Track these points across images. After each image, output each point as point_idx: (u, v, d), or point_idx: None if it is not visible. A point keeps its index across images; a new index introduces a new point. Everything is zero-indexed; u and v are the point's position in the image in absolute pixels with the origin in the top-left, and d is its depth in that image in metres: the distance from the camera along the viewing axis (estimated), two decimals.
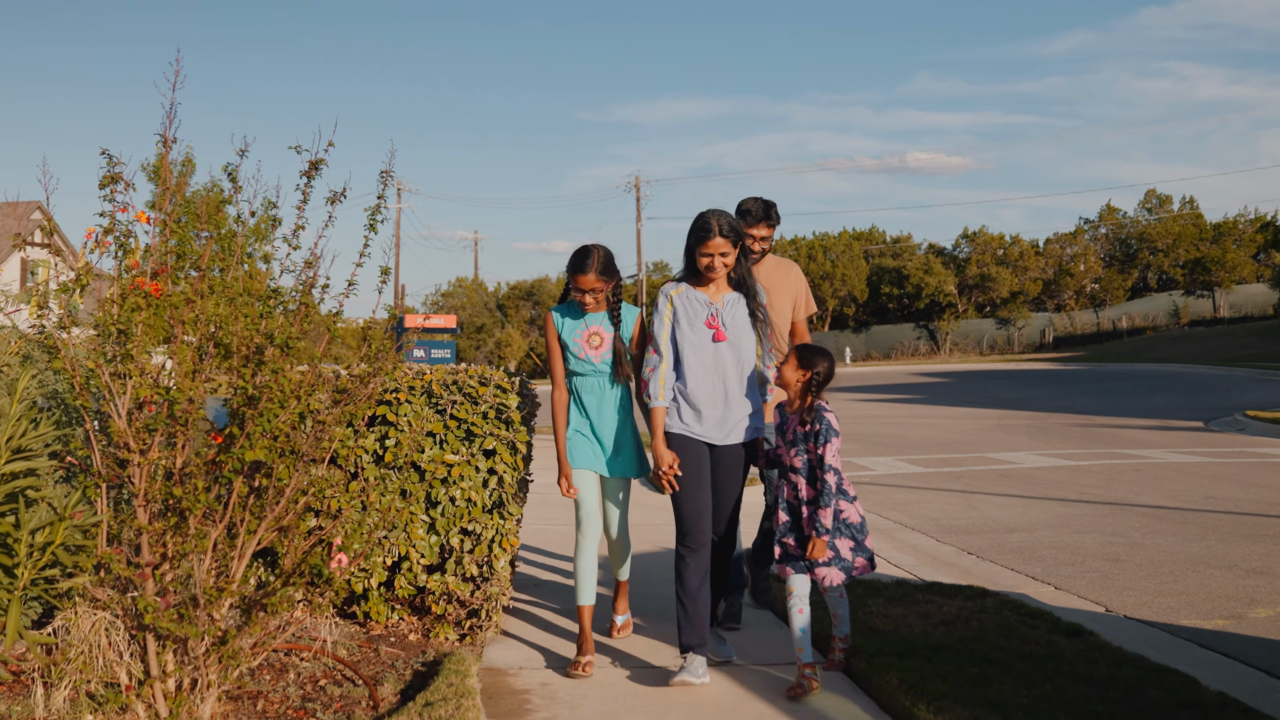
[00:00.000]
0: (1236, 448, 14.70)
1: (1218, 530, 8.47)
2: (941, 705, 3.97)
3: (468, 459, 4.95)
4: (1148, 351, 44.45)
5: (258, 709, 3.93)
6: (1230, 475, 11.86)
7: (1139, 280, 62.43)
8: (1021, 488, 11.17)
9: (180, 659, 3.64)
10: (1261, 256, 59.20)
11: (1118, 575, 6.96)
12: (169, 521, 3.41)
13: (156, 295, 3.69)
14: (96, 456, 3.51)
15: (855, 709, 4.22)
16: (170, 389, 3.38)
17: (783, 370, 4.75)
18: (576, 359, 4.92)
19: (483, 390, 5.08)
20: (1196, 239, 58.71)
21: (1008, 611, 5.49)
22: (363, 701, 4.09)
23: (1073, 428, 17.96)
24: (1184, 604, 6.18)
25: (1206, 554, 7.56)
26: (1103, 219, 62.14)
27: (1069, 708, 4.00)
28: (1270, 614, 5.90)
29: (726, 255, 4.78)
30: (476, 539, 5.00)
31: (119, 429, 3.34)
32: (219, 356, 3.59)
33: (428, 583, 5.00)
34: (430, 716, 3.75)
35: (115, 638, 3.61)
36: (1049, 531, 8.61)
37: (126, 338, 3.41)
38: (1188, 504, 9.85)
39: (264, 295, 3.96)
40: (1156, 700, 4.08)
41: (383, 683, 4.34)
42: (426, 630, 5.13)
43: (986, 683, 4.26)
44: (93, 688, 3.66)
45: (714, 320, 4.82)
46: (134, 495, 3.38)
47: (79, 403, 3.43)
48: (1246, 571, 6.96)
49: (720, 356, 4.79)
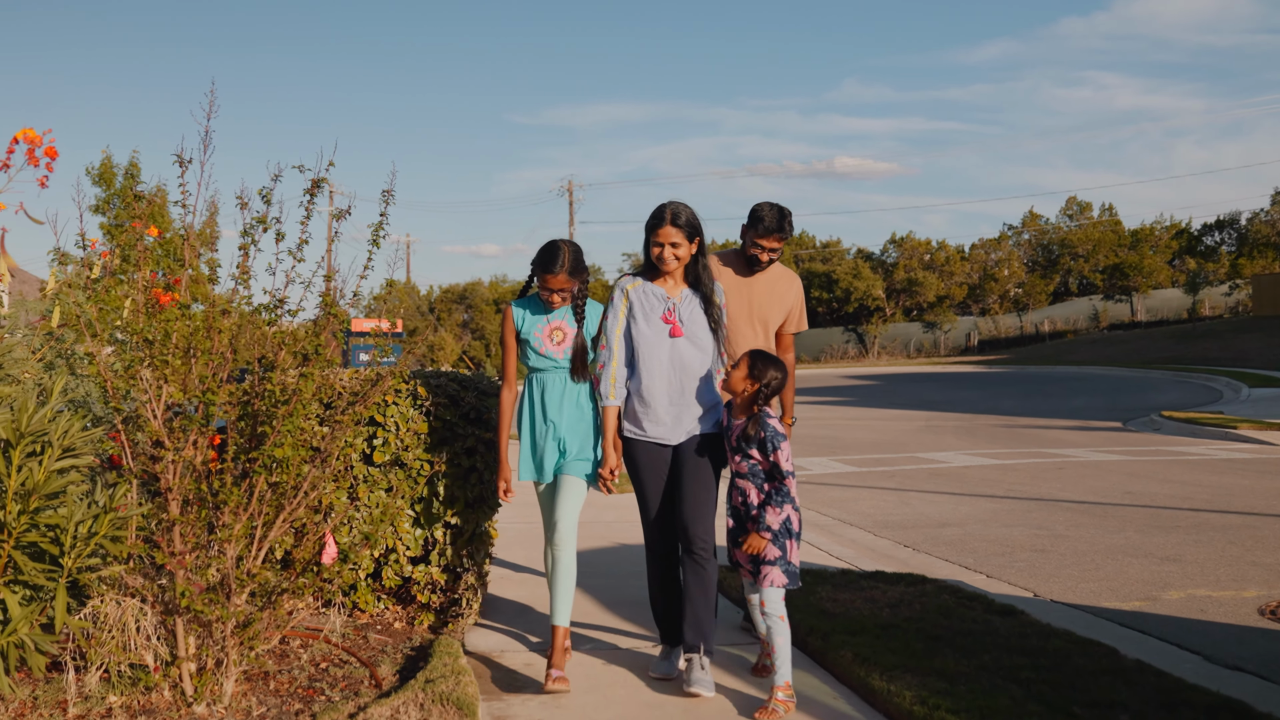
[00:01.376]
0: (1153, 446, 15.45)
1: (1135, 522, 9.07)
2: (893, 675, 4.42)
3: (451, 457, 5.30)
4: (1069, 354, 45.69)
5: (270, 688, 4.26)
6: (1146, 472, 12.54)
7: (1060, 285, 64.12)
8: (952, 485, 11.72)
9: (204, 641, 3.96)
10: (1176, 262, 61.10)
11: (1044, 564, 7.48)
12: (200, 514, 3.74)
13: (168, 305, 4.03)
14: (127, 455, 3.82)
15: (815, 680, 4.65)
16: (206, 392, 3.71)
17: (731, 375, 4.56)
18: (537, 354, 4.81)
19: (464, 394, 5.42)
20: (1115, 245, 60.44)
21: (946, 595, 5.97)
22: (365, 681, 4.43)
23: (998, 428, 18.66)
24: (1105, 588, 6.70)
25: (1125, 544, 8.12)
26: (1026, 225, 63.73)
27: (1006, 674, 4.47)
28: (1181, 596, 6.44)
29: (678, 247, 4.67)
30: (458, 532, 5.35)
31: (154, 428, 3.66)
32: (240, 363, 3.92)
33: (413, 574, 5.34)
34: (433, 691, 4.10)
35: (143, 623, 3.92)
36: (979, 525, 9.13)
37: (163, 346, 3.72)
38: (1107, 499, 10.47)
39: (269, 306, 4.30)
40: (1082, 667, 4.57)
41: (379, 665, 4.68)
42: (411, 619, 5.47)
43: (932, 655, 4.72)
44: (121, 669, 3.96)
45: (671, 315, 4.72)
46: (166, 490, 3.70)
47: (113, 405, 3.75)
48: (1161, 559, 7.52)
49: (677, 353, 4.69)
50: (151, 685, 3.96)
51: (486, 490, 5.35)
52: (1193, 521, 9.04)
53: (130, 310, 4.05)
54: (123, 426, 3.80)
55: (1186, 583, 6.80)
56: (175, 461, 3.68)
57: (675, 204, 4.72)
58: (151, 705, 3.96)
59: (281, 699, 4.15)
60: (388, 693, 4.21)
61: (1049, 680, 4.38)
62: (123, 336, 4.00)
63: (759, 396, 4.48)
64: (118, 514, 3.48)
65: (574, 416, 4.83)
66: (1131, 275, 58.99)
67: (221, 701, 3.97)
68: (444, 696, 4.06)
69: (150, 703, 3.97)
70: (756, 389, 4.48)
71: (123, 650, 3.88)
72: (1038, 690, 4.25)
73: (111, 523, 3.48)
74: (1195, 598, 6.39)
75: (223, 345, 3.85)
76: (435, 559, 5.35)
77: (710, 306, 4.78)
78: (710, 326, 4.76)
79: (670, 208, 4.70)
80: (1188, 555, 7.65)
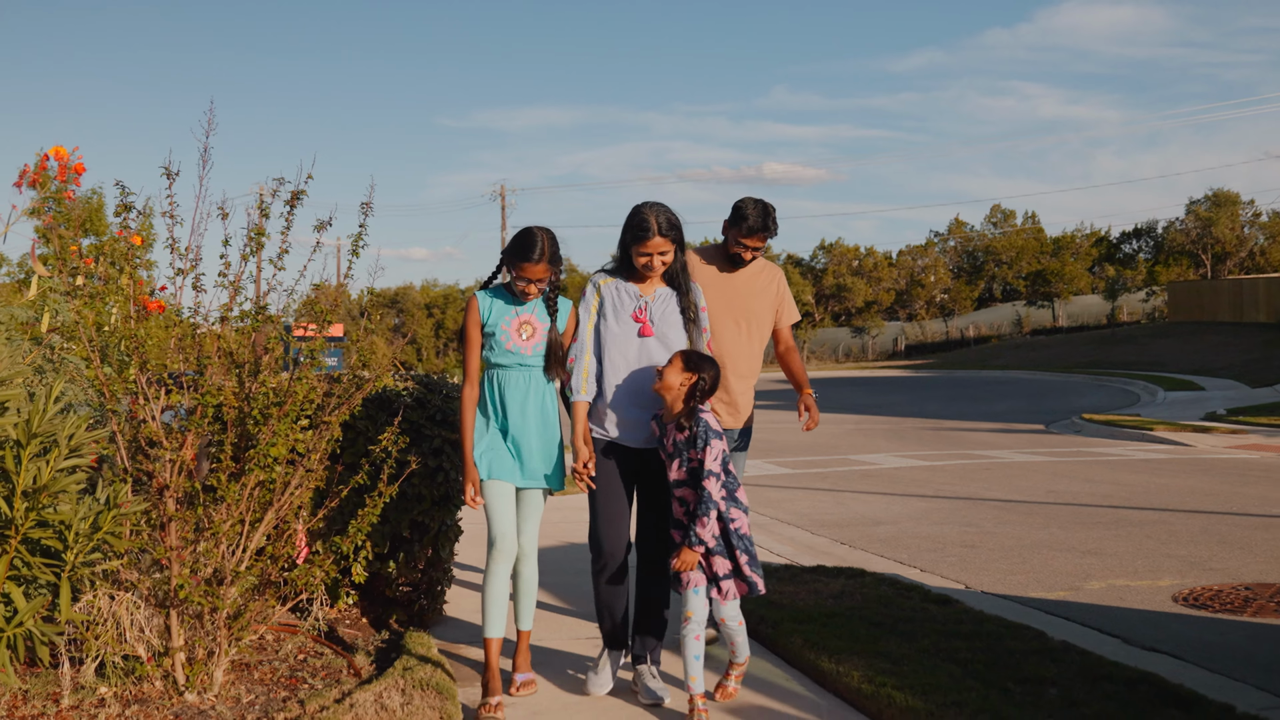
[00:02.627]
0: (1074, 448, 16.06)
1: (1058, 519, 9.54)
2: (841, 658, 4.74)
3: (418, 457, 5.52)
4: (993, 359, 46.76)
5: (255, 678, 4.47)
6: (1068, 472, 13.08)
7: (985, 291, 65.56)
8: (884, 486, 12.14)
9: (196, 632, 4.16)
10: (1096, 269, 62.79)
11: (974, 558, 7.89)
12: (196, 511, 3.96)
13: (159, 311, 4.24)
14: (123, 454, 4.02)
15: (769, 665, 4.96)
16: (206, 394, 3.93)
17: (665, 373, 4.36)
18: (503, 349, 4.49)
19: (431, 396, 5.65)
20: (1038, 252, 61.97)
21: (885, 587, 6.32)
22: (344, 670, 4.65)
23: (926, 431, 19.21)
24: (1031, 580, 7.11)
25: (1049, 539, 8.56)
26: (952, 232, 65.07)
27: (945, 656, 4.82)
28: (1101, 586, 6.87)
29: (666, 254, 4.52)
30: (425, 530, 5.58)
31: (153, 429, 3.87)
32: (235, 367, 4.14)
33: (380, 570, 5.56)
34: (412, 678, 4.34)
35: (136, 615, 4.12)
36: (911, 523, 9.54)
37: (155, 352, 3.93)
38: (1032, 497, 10.95)
39: (251, 314, 4.51)
40: (1013, 648, 4.94)
41: (353, 656, 4.91)
42: (378, 614, 5.68)
43: (876, 640, 5.06)
44: (115, 661, 4.15)
45: (642, 314, 4.57)
46: (163, 487, 3.90)
47: (110, 407, 3.95)
48: (1083, 553, 7.97)
49: (645, 352, 4.54)
50: (144, 675, 4.15)
51: (452, 489, 5.59)
52: (1112, 518, 9.53)
53: (118, 316, 4.25)
54: (119, 428, 4.00)
55: (1107, 573, 7.22)
56: (173, 460, 3.89)
57: (657, 209, 4.52)
58: (144, 695, 4.15)
59: (267, 687, 4.36)
60: (368, 680, 4.44)
61: (984, 660, 4.74)
62: (110, 341, 4.19)
63: (695, 392, 4.33)
64: (121, 511, 3.67)
65: (536, 421, 4.53)
66: (1053, 282, 60.50)
67: (211, 690, 4.17)
68: (423, 682, 4.30)
69: (142, 692, 4.16)
70: (694, 381, 4.33)
71: (118, 642, 4.07)
72: (975, 669, 4.61)
73: (114, 519, 3.68)
74: (1115, 587, 6.82)
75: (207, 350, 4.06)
76: (403, 556, 5.57)
77: (686, 304, 4.62)
78: (685, 326, 4.60)
79: (655, 217, 4.50)
80: (1107, 548, 8.10)
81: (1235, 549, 7.97)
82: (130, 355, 4.13)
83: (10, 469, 3.51)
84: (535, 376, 4.53)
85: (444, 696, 4.22)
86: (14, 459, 3.52)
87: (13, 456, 3.52)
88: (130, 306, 4.17)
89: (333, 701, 4.11)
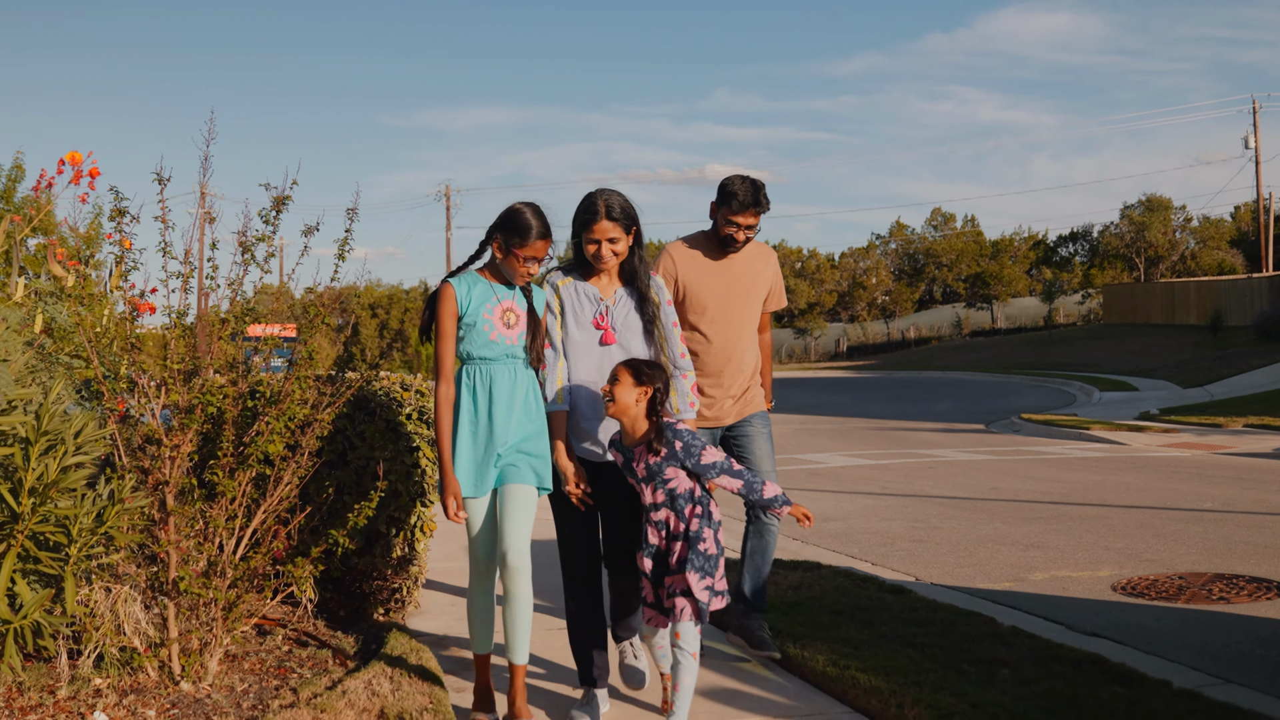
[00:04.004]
0: (1014, 446, 16.51)
1: (1002, 515, 9.90)
2: (805, 643, 5.00)
3: (394, 454, 5.70)
4: (934, 360, 47.52)
5: (245, 668, 4.63)
6: (1009, 470, 13.50)
7: (925, 293, 66.54)
8: (832, 484, 12.46)
9: (191, 622, 4.32)
10: (1034, 272, 64.04)
11: (922, 552, 8.20)
12: (195, 505, 4.12)
13: (151, 312, 4.40)
14: (120, 452, 4.17)
15: (734, 650, 5.21)
16: (207, 393, 4.10)
17: (615, 393, 3.98)
18: (486, 341, 4.08)
19: (405, 395, 5.83)
20: (977, 255, 63.05)
21: (841, 579, 6.60)
22: (330, 660, 4.83)
23: (870, 431, 19.61)
24: (978, 572, 7.43)
25: (993, 533, 8.91)
26: (893, 235, 65.99)
27: (903, 640, 5.10)
28: (1045, 577, 7.20)
29: (616, 242, 4.22)
30: (401, 525, 5.76)
31: (153, 426, 4.02)
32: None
33: (358, 564, 5.73)
34: (398, 665, 4.54)
35: (133, 608, 4.27)
36: (860, 519, 9.85)
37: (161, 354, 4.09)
38: (976, 494, 11.32)
39: (239, 313, 4.67)
40: (966, 633, 5.23)
41: (337, 648, 5.08)
42: (355, 607, 5.85)
43: (836, 626, 5.33)
44: (112, 652, 4.30)
45: (603, 319, 4.28)
46: (163, 483, 4.06)
47: (108, 405, 4.10)
48: (1026, 546, 8.31)
49: (609, 361, 4.21)
50: (139, 666, 4.30)
51: (427, 485, 5.77)
52: (1053, 513, 9.91)
53: (109, 318, 4.40)
54: (118, 426, 4.15)
55: (1049, 565, 7.56)
56: (173, 457, 4.05)
57: (607, 192, 4.24)
58: (139, 685, 4.30)
59: (258, 677, 4.53)
60: (354, 669, 4.62)
61: (939, 644, 5.02)
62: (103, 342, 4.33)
63: (655, 403, 4.01)
64: (126, 506, 3.83)
65: (523, 416, 4.13)
66: (992, 284, 61.61)
67: (206, 680, 4.33)
68: (410, 670, 4.50)
69: (138, 683, 4.31)
70: (651, 394, 4.00)
71: (116, 633, 4.21)
72: (931, 652, 4.89)
73: (118, 514, 3.84)
74: (1057, 578, 7.15)
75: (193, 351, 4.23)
76: (379, 550, 5.74)
77: (644, 304, 4.33)
78: (644, 328, 4.32)
79: (603, 198, 4.21)
80: (1049, 542, 8.45)
81: (1169, 541, 8.35)
82: (121, 356, 4.28)
83: (19, 466, 3.66)
84: (520, 368, 4.14)
85: (431, 683, 4.41)
86: (23, 456, 3.66)
87: (21, 454, 3.66)
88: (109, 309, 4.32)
89: (324, 689, 4.28)
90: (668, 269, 5.00)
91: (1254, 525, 9.01)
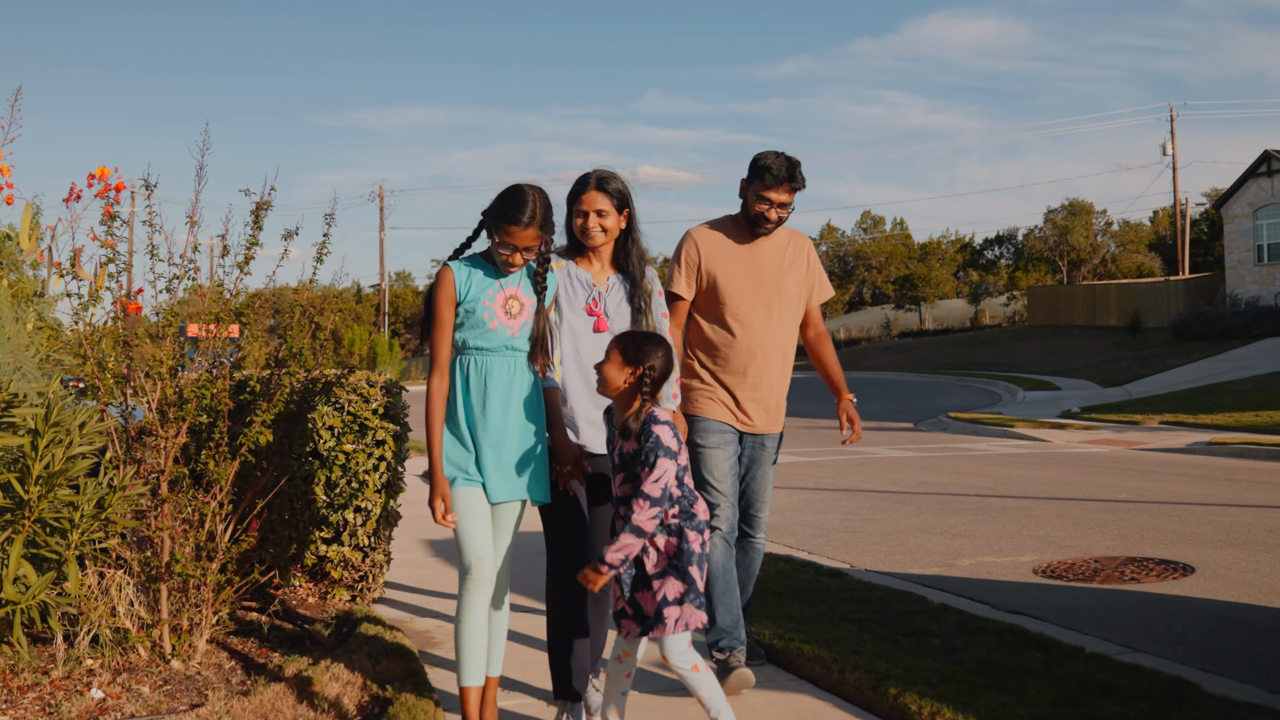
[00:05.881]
0: (941, 444, 17.13)
1: (930, 507, 10.40)
2: (752, 621, 5.38)
3: (361, 448, 5.99)
4: (864, 360, 48.31)
5: (230, 648, 4.91)
6: (937, 465, 14.06)
7: (855, 295, 67.59)
8: None
9: (182, 604, 4.60)
10: (961, 274, 65.40)
11: (856, 542, 8.64)
12: (187, 493, 4.40)
13: (137, 312, 4.68)
14: (115, 444, 4.44)
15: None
16: (201, 387, 4.38)
17: (604, 370, 3.70)
18: (486, 330, 3.77)
19: (372, 391, 6.13)
20: (906, 257, 64.25)
21: (782, 564, 7.01)
22: (306, 641, 5.12)
23: (802, 430, 20.08)
24: (909, 559, 7.88)
25: (923, 524, 9.39)
26: (823, 237, 66.98)
27: (842, 617, 5.52)
28: (972, 562, 7.68)
29: (605, 216, 4.07)
30: (367, 514, 6.05)
31: (150, 418, 4.30)
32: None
33: (326, 552, 6.01)
34: (374, 644, 4.84)
35: (127, 591, 4.54)
36: (796, 512, 10.29)
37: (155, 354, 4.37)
38: (906, 489, 11.83)
39: (234, 312, 4.96)
40: (900, 610, 5.67)
41: (313, 629, 5.37)
42: (323, 594, 6.14)
43: (780, 605, 5.73)
44: (104, 633, 4.56)
45: (595, 306, 4.13)
46: (159, 472, 4.34)
47: (105, 400, 4.36)
48: (953, 535, 8.80)
49: (602, 348, 3.93)
50: (132, 646, 4.56)
51: (394, 476, 6.07)
52: (978, 505, 10.44)
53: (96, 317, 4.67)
54: (111, 417, 4.41)
55: (975, 552, 8.05)
56: (168, 448, 4.33)
57: (600, 169, 4.14)
58: (131, 664, 4.57)
59: (243, 656, 4.81)
60: (333, 648, 4.92)
61: (875, 619, 5.45)
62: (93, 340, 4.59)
63: (641, 386, 3.66)
64: (127, 493, 4.10)
65: (519, 420, 3.81)
66: (920, 286, 62.81)
67: (195, 658, 4.61)
68: (386, 648, 4.81)
69: (129, 662, 4.58)
70: (638, 374, 3.65)
71: (110, 615, 4.48)
72: (868, 626, 5.31)
73: (120, 500, 4.11)
74: (983, 563, 7.63)
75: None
76: (347, 539, 6.03)
77: (635, 292, 4.18)
78: (631, 318, 4.15)
79: (596, 172, 4.12)
80: (976, 531, 8.95)
81: (1086, 529, 8.90)
82: (109, 353, 4.56)
83: (28, 455, 3.92)
84: (521, 364, 3.81)
85: (405, 657, 4.73)
86: (31, 446, 3.92)
87: (30, 444, 3.92)
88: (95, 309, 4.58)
89: (308, 665, 4.58)
90: (690, 256, 4.70)
91: (1164, 514, 9.60)
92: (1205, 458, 14.56)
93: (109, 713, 4.09)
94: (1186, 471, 12.87)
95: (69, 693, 4.27)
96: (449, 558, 7.31)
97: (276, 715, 3.95)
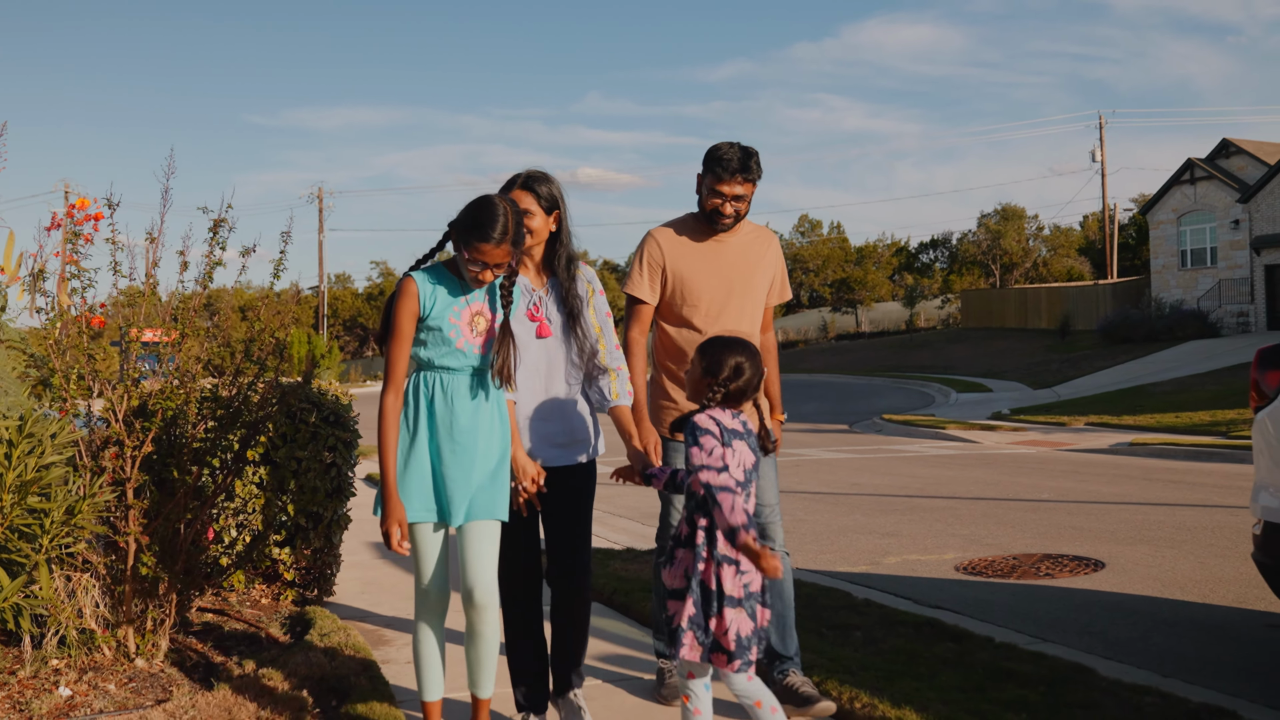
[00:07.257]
0: (875, 445, 17.61)
1: (862, 507, 10.81)
2: None
3: (313, 454, 6.22)
4: (801, 363, 48.97)
5: (191, 647, 5.14)
6: (870, 467, 14.51)
7: (793, 297, 68.34)
8: None
9: (146, 605, 4.82)
10: (897, 278, 66.43)
11: (788, 541, 8.92)
12: (153, 498, 4.62)
13: (100, 326, 4.90)
14: (82, 452, 4.65)
15: (625, 626, 5.88)
16: (167, 399, 4.61)
17: (690, 374, 3.53)
18: (452, 348, 3.61)
19: (324, 399, 6.36)
20: (843, 261, 65.15)
21: None
22: (263, 640, 5.36)
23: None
24: (839, 557, 8.26)
25: (853, 524, 9.79)
26: None
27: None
28: (898, 560, 8.07)
29: (532, 216, 3.92)
30: (318, 519, 6.28)
31: (117, 429, 4.52)
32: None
33: (280, 555, 6.24)
34: (329, 641, 5.09)
35: (93, 593, 4.75)
36: None
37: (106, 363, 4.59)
38: (838, 489, 12.25)
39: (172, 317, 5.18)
40: (825, 604, 6.02)
41: (268, 629, 5.60)
42: (276, 595, 6.36)
43: None
44: (70, 634, 4.76)
45: (537, 311, 4.00)
46: (125, 479, 4.56)
47: (71, 411, 4.58)
48: (882, 534, 9.20)
49: (545, 355, 3.97)
50: (97, 646, 4.78)
51: (344, 482, 6.31)
52: (907, 505, 10.86)
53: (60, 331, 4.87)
54: (75, 427, 4.63)
55: (902, 550, 8.44)
56: (135, 456, 4.55)
57: (535, 169, 4.03)
58: (96, 663, 4.78)
59: (204, 655, 5.04)
60: (289, 645, 5.16)
61: (802, 614, 5.75)
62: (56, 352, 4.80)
63: (712, 391, 3.40)
64: (96, 500, 4.33)
65: (487, 440, 3.67)
66: (857, 289, 63.77)
67: (158, 657, 4.84)
68: (342, 645, 5.06)
69: (94, 661, 4.79)
70: (710, 384, 3.41)
71: (77, 617, 4.69)
72: (795, 620, 5.63)
73: (89, 507, 4.33)
74: (908, 561, 8.02)
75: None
76: (299, 542, 6.26)
77: (567, 297, 4.04)
78: (564, 323, 4.03)
79: (527, 171, 4.00)
80: (903, 530, 9.36)
81: (1008, 527, 9.34)
82: (74, 365, 4.77)
83: (2, 464, 4.13)
84: (486, 382, 3.68)
85: (360, 653, 4.99)
86: (5, 456, 4.13)
87: (4, 454, 4.13)
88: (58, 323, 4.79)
89: (268, 661, 4.82)
90: (654, 256, 4.48)
91: (1083, 512, 10.08)
92: (1126, 458, 15.16)
93: (79, 709, 4.31)
94: (1107, 472, 13.42)
95: (38, 691, 4.48)
96: (396, 560, 7.54)
97: (241, 708, 4.20)
